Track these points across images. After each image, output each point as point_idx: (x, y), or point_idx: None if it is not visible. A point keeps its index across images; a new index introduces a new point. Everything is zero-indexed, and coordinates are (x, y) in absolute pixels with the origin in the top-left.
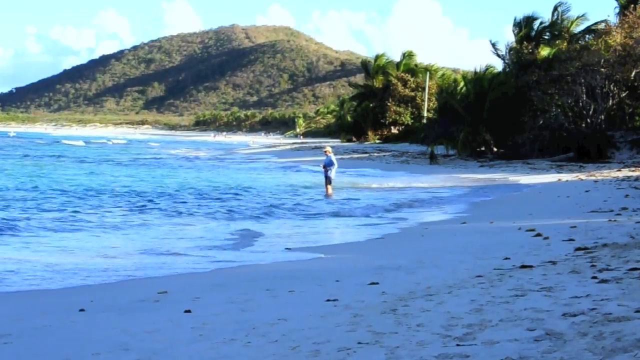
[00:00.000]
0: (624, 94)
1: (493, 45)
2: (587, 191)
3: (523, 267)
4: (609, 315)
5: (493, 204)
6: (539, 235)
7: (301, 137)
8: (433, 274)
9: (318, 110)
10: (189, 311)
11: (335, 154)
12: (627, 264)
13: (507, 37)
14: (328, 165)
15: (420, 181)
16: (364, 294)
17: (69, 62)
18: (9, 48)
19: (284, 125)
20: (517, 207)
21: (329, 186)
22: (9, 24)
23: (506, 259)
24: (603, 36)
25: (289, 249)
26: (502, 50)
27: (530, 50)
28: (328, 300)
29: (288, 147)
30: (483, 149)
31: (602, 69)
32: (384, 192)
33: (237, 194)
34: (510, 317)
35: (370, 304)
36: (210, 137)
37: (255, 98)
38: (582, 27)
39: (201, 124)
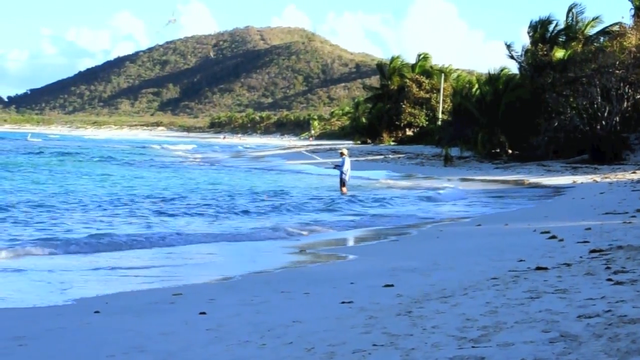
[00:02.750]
0: (639, 96)
1: (508, 47)
2: (601, 193)
3: (538, 269)
4: (624, 317)
5: (508, 205)
6: (553, 237)
7: (310, 139)
8: (448, 276)
9: (333, 112)
10: (203, 313)
11: (350, 156)
12: None
13: (523, 40)
14: (341, 166)
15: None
16: (379, 296)
17: (85, 64)
18: (25, 49)
19: (298, 127)
20: (532, 209)
21: (343, 188)
22: (25, 25)
23: (521, 261)
24: (618, 38)
25: (303, 250)
26: (517, 52)
27: (545, 53)
28: (343, 302)
29: (303, 149)
30: (498, 150)
31: (617, 71)
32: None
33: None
34: (525, 319)
35: (385, 306)
36: (220, 138)
37: (270, 100)
38: (597, 29)
39: (216, 126)
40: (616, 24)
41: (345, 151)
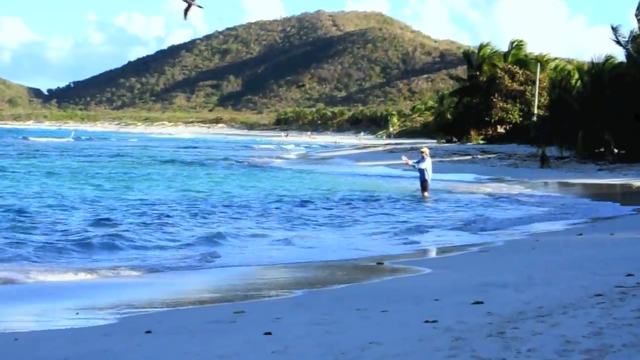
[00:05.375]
0: None
1: (614, 31)
2: None
3: None
4: None
5: (613, 212)
6: None
7: (385, 137)
8: (545, 292)
9: (414, 107)
10: (269, 333)
11: (432, 157)
12: None
13: (631, 24)
14: (418, 162)
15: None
16: (467, 315)
17: (135, 53)
18: (69, 37)
19: (375, 124)
20: None
21: (425, 192)
22: (69, 10)
23: (629, 275)
24: None
25: (381, 263)
26: (625, 37)
27: None
28: (426, 321)
29: (380, 148)
30: (602, 150)
31: None
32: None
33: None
34: (635, 341)
35: (474, 326)
36: (282, 136)
37: (343, 93)
38: None
39: (282, 123)
40: None
41: (426, 150)
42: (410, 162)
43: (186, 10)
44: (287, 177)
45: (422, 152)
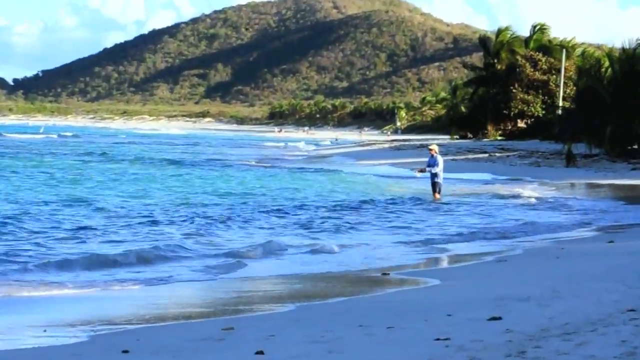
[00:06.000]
0: None
1: None
2: None
3: None
4: None
5: None
6: None
7: (390, 133)
8: (571, 307)
9: (424, 99)
10: (261, 352)
11: (444, 155)
12: None
13: None
14: (432, 165)
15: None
16: (483, 332)
17: (112, 39)
18: (37, 20)
19: (381, 117)
20: None
21: (436, 194)
22: None
23: None
24: None
25: (386, 274)
26: None
27: None
28: (437, 339)
29: (386, 145)
30: (635, 147)
31: None
32: None
33: None
34: None
35: (491, 345)
36: (275, 132)
37: (345, 84)
38: None
39: (277, 117)
40: None
41: (435, 148)
42: (423, 170)
43: None
44: (307, 179)
45: (430, 150)
